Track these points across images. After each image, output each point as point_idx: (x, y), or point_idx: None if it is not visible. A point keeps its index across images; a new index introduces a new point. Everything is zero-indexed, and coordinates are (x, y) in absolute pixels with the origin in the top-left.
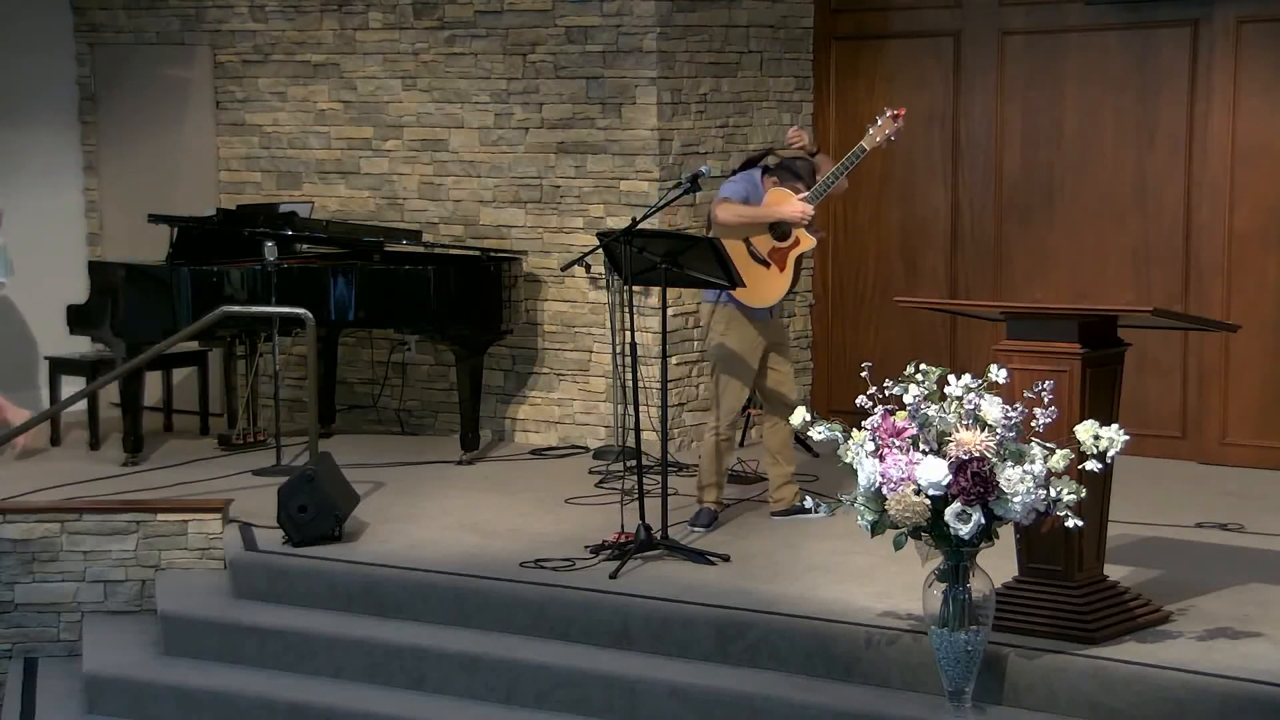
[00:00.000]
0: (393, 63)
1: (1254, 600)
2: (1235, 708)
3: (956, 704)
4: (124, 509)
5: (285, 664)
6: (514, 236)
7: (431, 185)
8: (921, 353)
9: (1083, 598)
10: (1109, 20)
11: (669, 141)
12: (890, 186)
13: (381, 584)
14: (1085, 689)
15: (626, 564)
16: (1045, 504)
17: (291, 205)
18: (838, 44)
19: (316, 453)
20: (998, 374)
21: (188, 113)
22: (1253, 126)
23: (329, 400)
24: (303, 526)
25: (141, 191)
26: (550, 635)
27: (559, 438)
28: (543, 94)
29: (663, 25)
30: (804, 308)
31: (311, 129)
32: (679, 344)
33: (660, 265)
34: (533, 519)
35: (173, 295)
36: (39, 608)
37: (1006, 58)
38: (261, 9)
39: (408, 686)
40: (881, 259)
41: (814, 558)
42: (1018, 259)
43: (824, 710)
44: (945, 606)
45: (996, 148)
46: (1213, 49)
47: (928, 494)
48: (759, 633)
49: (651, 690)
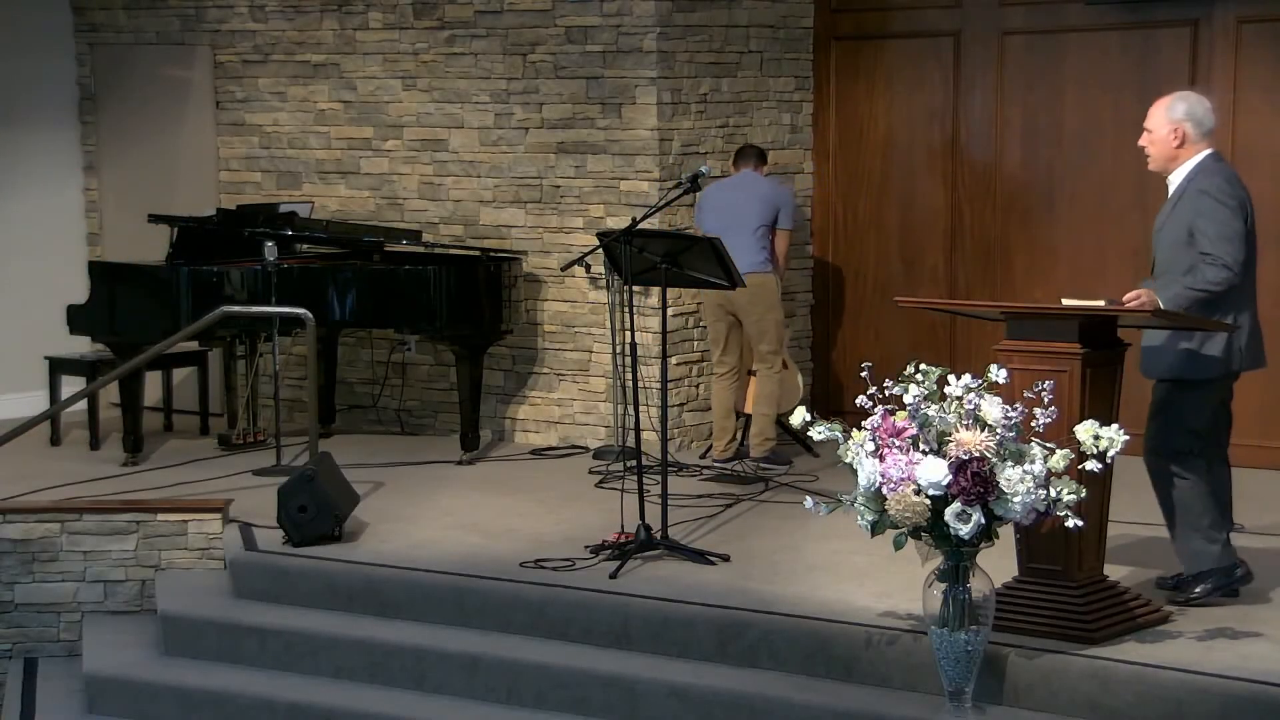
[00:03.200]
0: (393, 63)
1: (1254, 600)
2: (1235, 708)
3: (956, 704)
4: (124, 509)
5: (285, 664)
6: (514, 236)
7: (431, 185)
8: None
9: (1083, 598)
10: (1109, 20)
11: (669, 141)
12: (890, 186)
13: (381, 584)
14: (1085, 689)
15: (626, 564)
16: (1045, 504)
17: (291, 205)
18: (838, 44)
19: (316, 453)
20: (998, 374)
21: (188, 113)
22: (1253, 126)
23: (329, 400)
24: (303, 526)
25: (141, 191)
26: (550, 635)
27: (559, 438)
28: (543, 94)
29: (663, 25)
30: (804, 308)
31: (311, 129)
32: (679, 344)
33: (660, 265)
34: (533, 519)
35: (173, 295)
36: (39, 608)
37: (1006, 58)
38: (261, 9)
39: (408, 686)
40: (881, 259)
41: (814, 558)
42: (1018, 259)
43: (824, 710)
44: (945, 606)
45: (996, 148)
46: (1213, 49)
47: (928, 494)
48: (759, 633)
49: (651, 690)
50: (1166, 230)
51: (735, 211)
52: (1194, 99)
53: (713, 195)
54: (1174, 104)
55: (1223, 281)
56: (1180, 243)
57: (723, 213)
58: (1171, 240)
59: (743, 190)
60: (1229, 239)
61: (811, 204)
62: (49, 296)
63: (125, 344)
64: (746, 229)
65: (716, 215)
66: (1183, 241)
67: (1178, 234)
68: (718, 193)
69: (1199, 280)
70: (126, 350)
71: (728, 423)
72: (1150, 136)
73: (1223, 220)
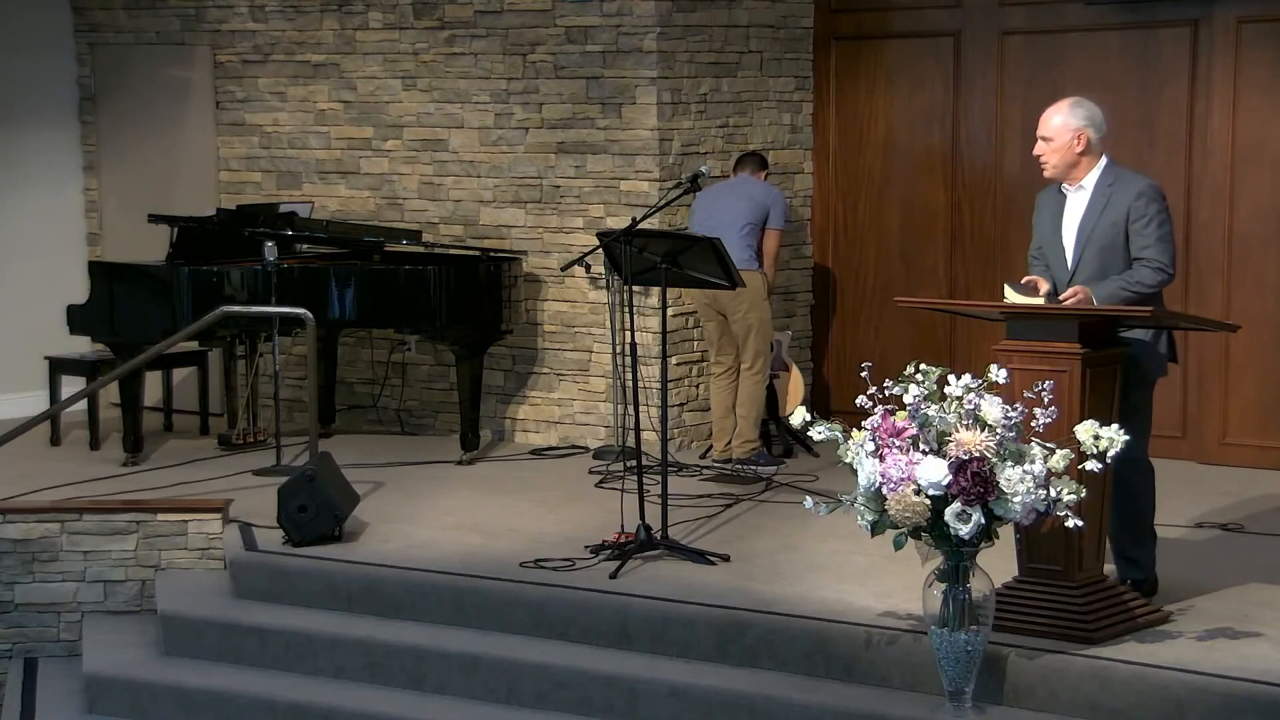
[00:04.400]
0: (393, 63)
1: (1254, 600)
2: (1235, 708)
3: (956, 704)
4: (124, 509)
5: (285, 664)
6: (514, 236)
7: (431, 185)
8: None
9: (1083, 598)
10: (1109, 20)
11: (669, 141)
12: (890, 186)
13: (381, 584)
14: (1085, 689)
15: (626, 564)
16: (1045, 504)
17: (291, 205)
18: (838, 44)
19: (316, 453)
20: (998, 374)
21: (188, 113)
22: (1253, 126)
23: (329, 400)
24: (303, 526)
25: (141, 191)
26: (550, 635)
27: (559, 438)
28: (543, 94)
29: (663, 25)
30: (804, 308)
31: (311, 129)
32: (679, 344)
33: (660, 265)
34: (533, 519)
35: (173, 295)
36: (39, 608)
37: (1006, 58)
38: (261, 9)
39: (408, 686)
40: (881, 259)
41: (814, 558)
42: (1018, 259)
43: (824, 710)
44: (945, 606)
45: (996, 148)
46: (1213, 49)
47: (928, 494)
48: (759, 633)
49: (651, 690)
50: (1097, 233)
51: (722, 211)
52: (1090, 104)
53: (703, 197)
54: (1073, 110)
55: (1158, 285)
56: (1112, 246)
57: (710, 213)
58: (1104, 244)
59: (732, 192)
60: (1166, 243)
61: (811, 204)
62: (49, 296)
63: (125, 344)
64: (732, 228)
65: (705, 214)
66: (1117, 245)
67: (1110, 238)
68: (708, 195)
69: (1134, 281)
70: (126, 350)
71: (726, 422)
72: (1051, 145)
73: (1161, 224)
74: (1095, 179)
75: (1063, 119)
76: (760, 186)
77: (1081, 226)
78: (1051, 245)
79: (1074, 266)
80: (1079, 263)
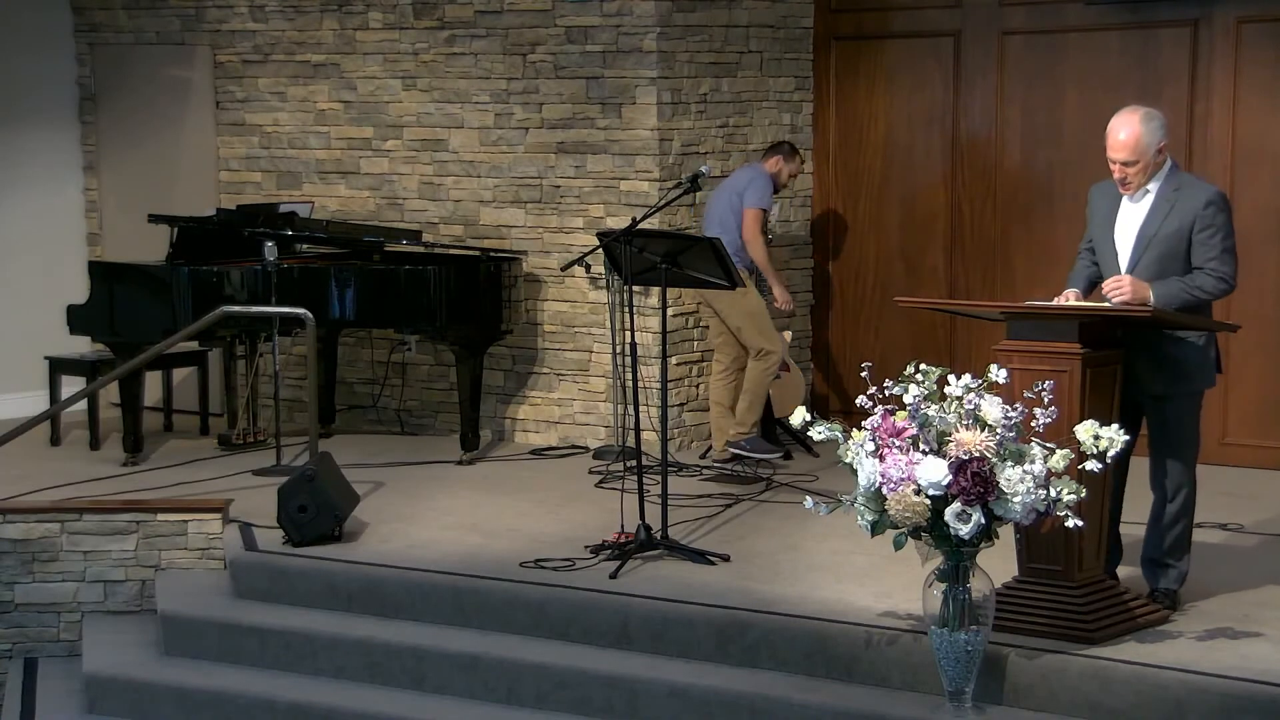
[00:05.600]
0: (393, 63)
1: (1254, 600)
2: (1235, 708)
3: (956, 704)
4: (124, 509)
5: (285, 664)
6: (514, 236)
7: (431, 185)
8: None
9: (1083, 598)
10: (1109, 20)
11: (669, 141)
12: (890, 186)
13: (381, 584)
14: (1085, 689)
15: (626, 564)
16: (1045, 504)
17: (291, 205)
18: (838, 44)
19: (316, 453)
20: (998, 374)
21: (188, 113)
22: (1253, 126)
23: (329, 400)
24: (303, 526)
25: (141, 191)
26: (550, 635)
27: (559, 438)
28: (543, 94)
29: (663, 25)
30: (804, 308)
31: (311, 129)
32: (679, 344)
33: (660, 265)
34: (533, 519)
35: (173, 295)
36: (39, 608)
37: (1006, 58)
38: (261, 9)
39: (408, 686)
40: (881, 259)
41: (814, 558)
42: (1018, 259)
43: (824, 710)
44: (945, 606)
45: (996, 148)
46: (1213, 49)
47: (928, 494)
48: (759, 633)
49: (651, 690)
50: (1159, 238)
51: (710, 207)
52: (1155, 111)
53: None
54: (1147, 124)
55: (1218, 295)
56: (1173, 254)
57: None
58: (1164, 251)
59: (722, 189)
60: (1231, 254)
61: (811, 204)
62: (49, 296)
63: (125, 344)
64: (714, 221)
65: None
66: (1178, 253)
67: (1172, 245)
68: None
69: (1194, 286)
70: (126, 350)
71: (724, 421)
72: (1136, 167)
73: (1227, 235)
74: (1159, 183)
75: (1144, 139)
76: (746, 172)
77: (1142, 232)
78: (1103, 242)
79: (1129, 269)
80: (1134, 267)
